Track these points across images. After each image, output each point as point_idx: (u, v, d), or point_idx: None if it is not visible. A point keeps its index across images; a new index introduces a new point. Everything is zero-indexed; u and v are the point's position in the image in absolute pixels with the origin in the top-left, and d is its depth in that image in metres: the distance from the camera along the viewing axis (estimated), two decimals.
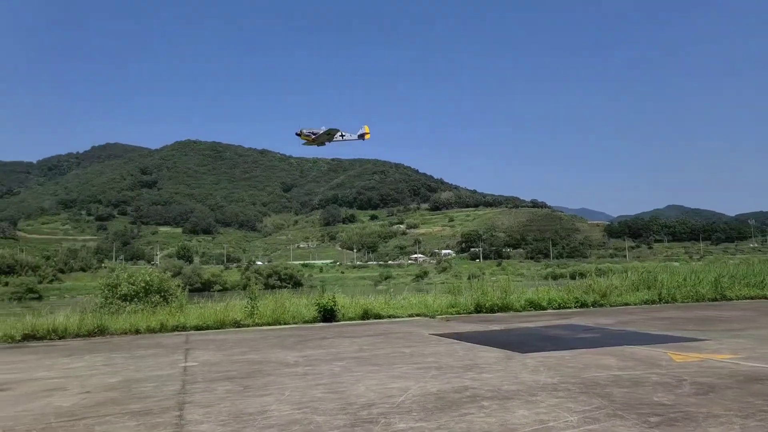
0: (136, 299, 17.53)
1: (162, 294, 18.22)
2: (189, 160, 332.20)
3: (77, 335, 13.05)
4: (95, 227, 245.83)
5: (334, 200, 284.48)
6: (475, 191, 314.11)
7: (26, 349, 11.13)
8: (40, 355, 10.12)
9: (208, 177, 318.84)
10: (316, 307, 14.38)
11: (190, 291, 20.94)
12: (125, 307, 16.84)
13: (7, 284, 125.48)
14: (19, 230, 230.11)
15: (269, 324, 14.11)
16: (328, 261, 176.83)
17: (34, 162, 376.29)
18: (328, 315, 14.28)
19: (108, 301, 17.61)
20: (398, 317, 14.96)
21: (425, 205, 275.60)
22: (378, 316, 14.84)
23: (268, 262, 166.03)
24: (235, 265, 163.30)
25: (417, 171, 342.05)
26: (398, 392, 5.77)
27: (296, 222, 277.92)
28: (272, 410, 5.14)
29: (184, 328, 13.70)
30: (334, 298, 14.52)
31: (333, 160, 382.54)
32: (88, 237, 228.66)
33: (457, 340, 10.06)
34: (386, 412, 4.97)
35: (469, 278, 28.82)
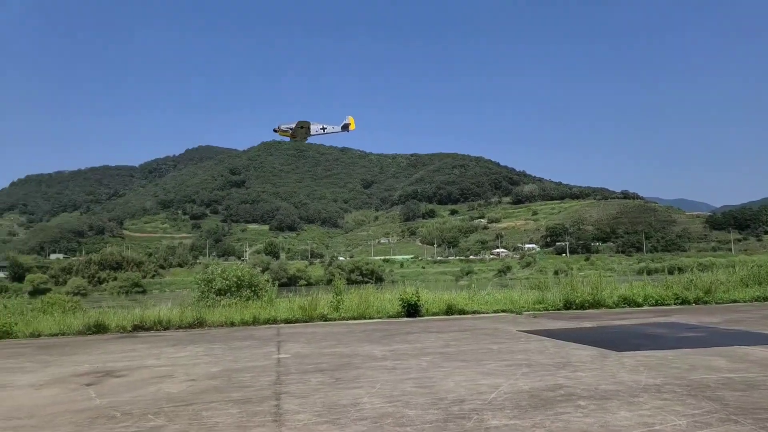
0: (229, 293, 18.55)
1: (252, 288, 19.15)
2: (274, 160, 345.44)
3: (179, 327, 13.98)
4: (190, 225, 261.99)
5: (413, 195, 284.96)
6: (560, 183, 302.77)
7: (136, 339, 12.07)
8: (149, 344, 10.93)
9: (292, 176, 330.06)
10: (400, 302, 14.48)
11: (277, 286, 21.81)
12: (220, 300, 17.87)
13: (116, 279, 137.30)
14: (125, 229, 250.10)
15: (354, 318, 14.39)
16: (408, 256, 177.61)
17: (137, 166, 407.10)
18: (411, 310, 14.34)
19: (204, 295, 18.75)
20: (483, 313, 14.74)
21: (507, 199, 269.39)
22: (462, 312, 14.71)
23: (350, 257, 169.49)
24: (318, 260, 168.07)
25: (498, 164, 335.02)
26: (489, 389, 5.67)
27: (376, 218, 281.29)
28: (364, 402, 5.23)
29: (275, 321, 14.29)
30: (417, 293, 14.55)
31: (412, 155, 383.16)
32: (184, 235, 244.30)
33: (546, 337, 9.75)
34: (478, 408, 4.90)
35: (555, 273, 27.83)
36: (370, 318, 14.34)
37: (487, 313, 14.75)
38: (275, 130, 37.14)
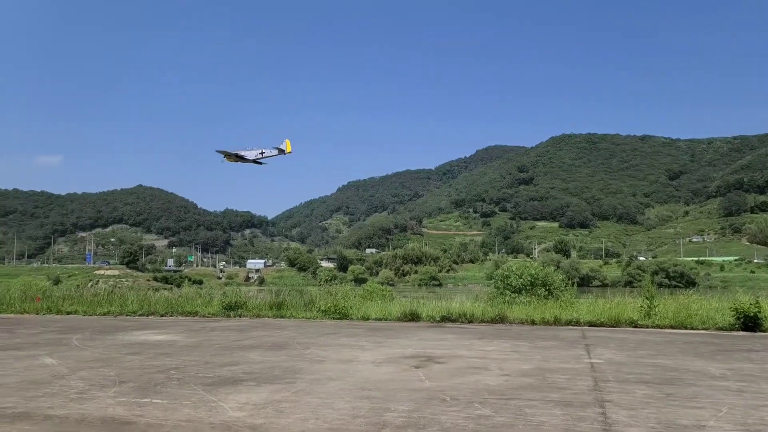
0: (523, 291, 18.61)
1: (547, 287, 18.80)
2: (564, 154, 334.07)
3: (482, 321, 14.61)
4: (480, 223, 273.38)
5: (738, 185, 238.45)
6: None
7: (444, 329, 13.06)
8: (457, 335, 11.69)
9: (584, 170, 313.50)
10: (733, 313, 12.22)
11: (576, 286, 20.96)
12: (514, 297, 18.06)
13: (416, 272, 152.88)
14: (424, 227, 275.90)
15: (671, 327, 12.76)
16: (730, 258, 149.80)
17: (433, 168, 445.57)
18: (749, 323, 11.96)
19: (500, 292, 19.23)
20: None
21: None
22: None
23: (653, 257, 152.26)
24: (614, 260, 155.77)
25: None
26: None
27: (686, 213, 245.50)
28: (711, 427, 4.51)
29: (577, 323, 13.70)
30: (758, 302, 12.05)
31: (735, 138, 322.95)
32: (475, 232, 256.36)
33: None
34: None
35: None
36: (692, 328, 12.51)
37: None
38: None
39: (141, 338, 11.13)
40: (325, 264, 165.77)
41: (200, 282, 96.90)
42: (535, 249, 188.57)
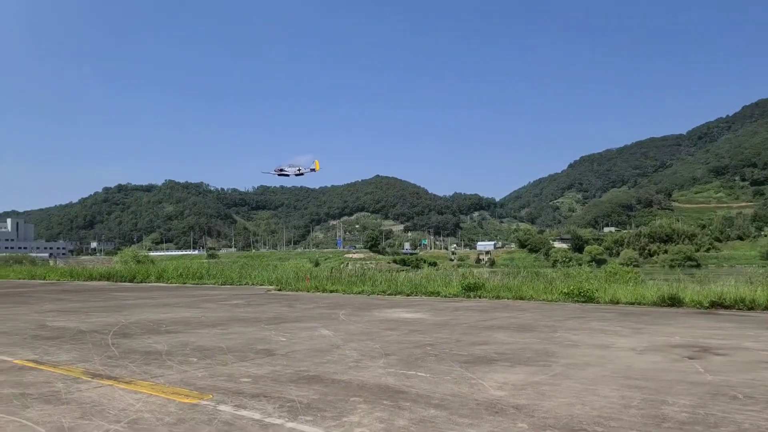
0: None
1: None
2: None
3: (766, 308, 12.28)
4: (751, 193, 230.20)
5: None
6: None
7: (717, 316, 11.31)
8: (735, 324, 10.03)
9: None
10: None
11: None
12: None
13: (666, 251, 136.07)
14: (674, 200, 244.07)
15: None
16: None
17: (684, 133, 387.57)
18: None
19: None
20: None
21: None
22: None
23: None
24: None
25: None
26: None
27: None
28: None
29: None
30: None
31: None
32: (743, 204, 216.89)
33: None
34: None
35: None
36: None
37: None
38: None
39: (394, 315, 12.12)
40: (557, 244, 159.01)
41: (434, 264, 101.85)
42: None
